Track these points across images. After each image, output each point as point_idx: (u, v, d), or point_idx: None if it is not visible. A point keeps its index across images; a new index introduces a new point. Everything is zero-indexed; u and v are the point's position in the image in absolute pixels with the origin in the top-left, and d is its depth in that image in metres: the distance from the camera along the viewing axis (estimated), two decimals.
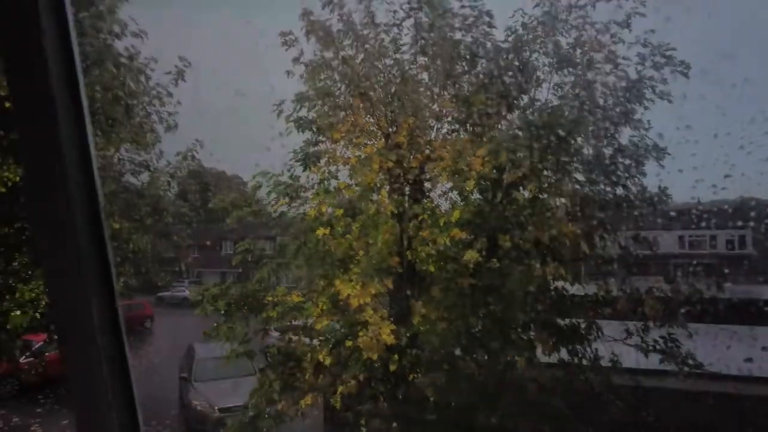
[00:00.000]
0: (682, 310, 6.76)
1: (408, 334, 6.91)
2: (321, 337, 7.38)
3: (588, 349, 7.29)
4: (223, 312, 7.81)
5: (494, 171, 6.98)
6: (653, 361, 7.14)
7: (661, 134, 7.33)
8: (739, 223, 7.61)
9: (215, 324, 7.88)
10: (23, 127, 1.24)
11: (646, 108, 7.45)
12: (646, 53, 7.36)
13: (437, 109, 8.03)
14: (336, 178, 7.76)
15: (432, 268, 6.87)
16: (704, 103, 6.65)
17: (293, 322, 7.87)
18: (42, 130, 1.20)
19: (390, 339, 6.56)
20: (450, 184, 7.56)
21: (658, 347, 7.02)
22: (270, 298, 7.75)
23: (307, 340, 7.71)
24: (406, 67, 7.89)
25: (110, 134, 8.77)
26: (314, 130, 7.83)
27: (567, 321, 7.34)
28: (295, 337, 7.78)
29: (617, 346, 7.34)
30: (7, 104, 6.04)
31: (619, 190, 7.56)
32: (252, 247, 8.04)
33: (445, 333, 6.79)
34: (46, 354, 11.50)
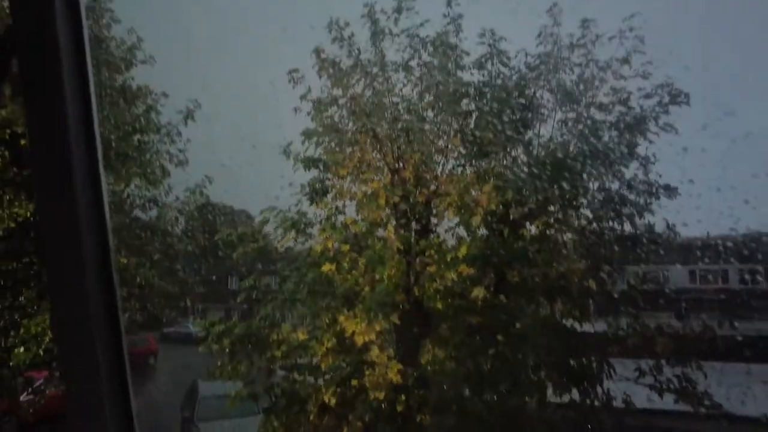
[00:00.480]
0: (694, 348, 6.61)
1: (415, 374, 6.77)
2: (326, 376, 7.24)
3: (600, 388, 7.10)
4: (227, 350, 7.70)
5: (501, 206, 6.99)
6: (667, 401, 6.93)
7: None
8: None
9: (219, 362, 7.76)
10: (37, 164, 1.27)
11: (651, 142, 7.51)
12: (647, 86, 7.49)
13: (443, 145, 8.12)
14: (343, 213, 7.79)
15: (439, 305, 6.79)
16: (705, 158, 6.71)
17: (298, 361, 7.74)
18: (56, 167, 1.23)
19: (397, 378, 6.42)
20: (456, 220, 7.56)
21: (672, 386, 6.82)
22: (275, 336, 7.65)
23: (311, 379, 7.57)
24: (413, 104, 8.03)
25: (121, 170, 8.89)
26: (321, 167, 7.91)
27: (577, 360, 7.18)
28: (299, 377, 7.63)
29: (629, 385, 7.14)
30: (23, 141, 6.19)
31: (627, 226, 7.52)
32: (257, 284, 8.00)
33: (453, 372, 6.65)
34: (47, 392, 11.33)
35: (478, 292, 6.51)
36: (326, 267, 7.14)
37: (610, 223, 7.57)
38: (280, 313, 7.70)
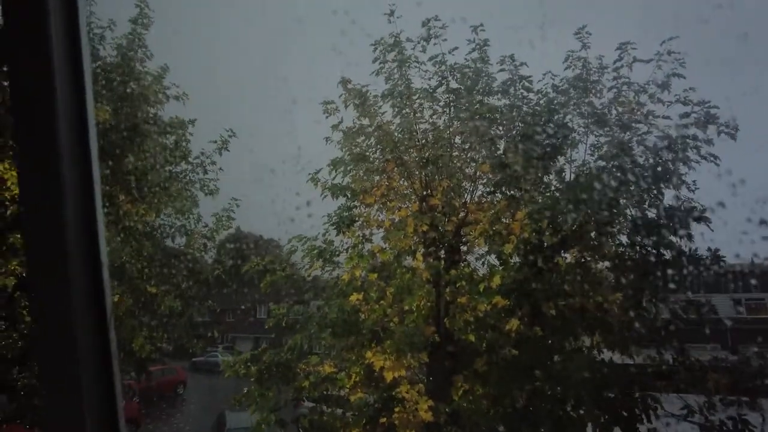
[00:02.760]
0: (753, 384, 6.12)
1: (447, 410, 6.45)
2: (355, 412, 6.98)
3: (645, 426, 6.63)
4: (254, 378, 7.58)
5: (534, 234, 6.73)
6: None
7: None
8: None
9: (246, 389, 7.65)
10: (25, 178, 1.15)
11: (691, 168, 7.16)
12: (687, 111, 7.18)
13: (471, 172, 7.96)
14: (370, 241, 7.66)
15: (472, 338, 6.51)
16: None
17: (326, 393, 7.53)
18: (46, 177, 1.10)
19: (428, 416, 6.12)
20: (487, 248, 7.32)
21: (725, 428, 6.30)
22: (303, 367, 7.49)
23: (339, 412, 7.33)
24: (441, 131, 7.94)
25: (152, 200, 9.00)
26: (348, 195, 7.83)
27: (619, 396, 6.75)
28: (327, 410, 7.41)
29: (677, 424, 6.65)
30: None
31: (667, 253, 7.12)
32: (287, 312, 7.87)
33: (488, 409, 6.30)
34: None
35: (513, 324, 6.21)
36: (353, 297, 6.97)
37: (650, 250, 7.19)
38: (308, 344, 7.53)
